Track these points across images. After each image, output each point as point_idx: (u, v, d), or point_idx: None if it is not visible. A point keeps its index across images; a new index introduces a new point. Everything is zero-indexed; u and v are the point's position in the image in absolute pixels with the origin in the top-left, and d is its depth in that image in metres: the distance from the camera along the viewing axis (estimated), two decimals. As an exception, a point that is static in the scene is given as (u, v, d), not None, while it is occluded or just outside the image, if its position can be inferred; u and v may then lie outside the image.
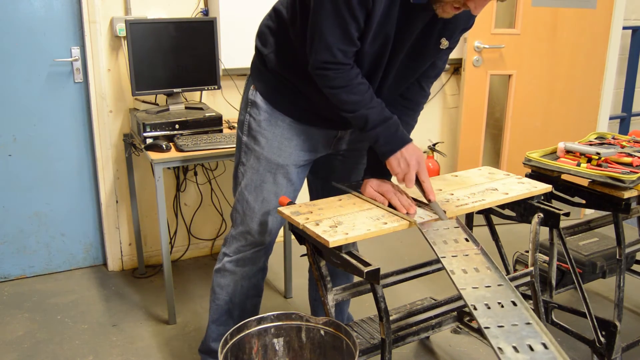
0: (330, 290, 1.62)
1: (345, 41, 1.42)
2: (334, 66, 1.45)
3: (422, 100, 1.70)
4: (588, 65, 3.48)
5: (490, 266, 1.30)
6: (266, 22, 1.67)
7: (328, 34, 1.41)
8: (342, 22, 1.39)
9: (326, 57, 1.44)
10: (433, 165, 3.50)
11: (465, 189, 1.73)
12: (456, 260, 1.32)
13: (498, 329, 1.12)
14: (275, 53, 1.63)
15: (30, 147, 2.75)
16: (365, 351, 1.77)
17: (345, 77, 1.47)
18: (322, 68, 1.46)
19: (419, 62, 1.58)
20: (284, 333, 1.47)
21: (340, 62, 1.45)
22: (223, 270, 1.85)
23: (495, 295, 1.22)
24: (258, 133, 1.71)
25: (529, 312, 1.17)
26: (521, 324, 1.14)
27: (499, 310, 1.18)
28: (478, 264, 1.31)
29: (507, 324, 1.14)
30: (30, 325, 2.47)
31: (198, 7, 2.82)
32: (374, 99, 1.52)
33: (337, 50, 1.43)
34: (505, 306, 1.19)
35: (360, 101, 1.49)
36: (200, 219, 3.12)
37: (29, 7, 2.59)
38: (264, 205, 1.74)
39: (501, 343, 1.08)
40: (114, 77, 2.75)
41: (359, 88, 1.49)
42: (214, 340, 1.92)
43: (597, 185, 1.89)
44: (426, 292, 2.66)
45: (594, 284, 2.62)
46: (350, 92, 1.48)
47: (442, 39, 1.53)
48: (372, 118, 1.50)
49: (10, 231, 2.82)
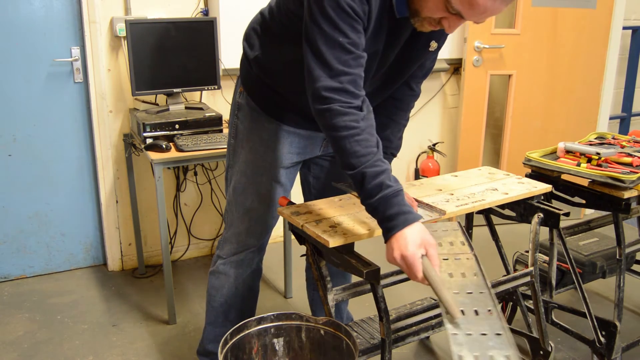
0: (330, 290, 1.62)
1: (350, 64, 1.27)
2: (341, 96, 1.26)
3: (412, 99, 1.71)
4: (588, 65, 3.48)
5: (478, 272, 1.27)
6: (253, 25, 1.66)
7: (330, 58, 1.26)
8: (342, 43, 1.26)
9: (331, 83, 1.26)
10: (433, 165, 3.50)
11: (465, 189, 1.73)
12: (446, 264, 1.30)
13: (465, 337, 1.09)
14: (261, 56, 1.62)
15: (30, 147, 2.75)
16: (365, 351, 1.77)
17: (353, 117, 1.26)
18: (326, 100, 1.27)
19: (407, 66, 1.56)
20: (284, 333, 1.47)
21: (347, 91, 1.27)
22: (217, 272, 1.85)
23: (474, 302, 1.18)
24: (245, 136, 1.72)
25: (502, 322, 1.13)
26: (491, 334, 1.10)
27: (473, 318, 1.14)
28: (467, 269, 1.28)
29: (476, 333, 1.11)
30: (30, 325, 2.47)
31: (198, 7, 2.82)
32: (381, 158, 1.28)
33: (343, 74, 1.26)
34: (480, 314, 1.15)
35: (365, 155, 1.25)
36: (200, 219, 3.12)
37: (29, 7, 2.59)
38: (253, 207, 1.74)
39: (464, 351, 1.06)
40: (114, 77, 2.75)
41: (366, 138, 1.26)
42: (211, 342, 1.92)
43: (597, 185, 1.89)
44: (426, 292, 2.66)
45: (594, 284, 2.62)
46: (355, 141, 1.25)
47: (431, 41, 1.51)
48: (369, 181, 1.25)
49: (10, 231, 2.82)
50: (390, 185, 1.23)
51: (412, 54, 1.52)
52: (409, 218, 1.22)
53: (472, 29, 3.24)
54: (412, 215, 1.23)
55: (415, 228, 1.21)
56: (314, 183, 1.90)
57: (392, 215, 1.22)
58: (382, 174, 1.24)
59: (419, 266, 1.19)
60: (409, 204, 1.26)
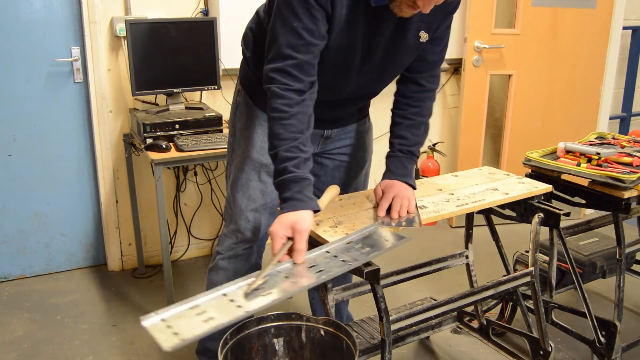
0: (330, 290, 1.62)
1: (299, 49, 1.36)
2: (282, 77, 1.36)
3: (424, 95, 1.66)
4: (588, 65, 3.48)
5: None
6: (250, 25, 1.69)
7: (282, 41, 1.36)
8: (297, 28, 1.34)
9: (275, 65, 1.37)
10: (433, 165, 3.50)
11: (465, 189, 1.73)
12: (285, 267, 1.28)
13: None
14: (256, 55, 1.64)
15: (30, 147, 2.75)
16: (365, 351, 1.77)
17: (287, 100, 1.35)
18: (270, 80, 1.38)
19: (400, 57, 1.56)
20: (284, 333, 1.47)
21: (289, 73, 1.36)
22: (216, 268, 1.87)
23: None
24: (242, 133, 1.74)
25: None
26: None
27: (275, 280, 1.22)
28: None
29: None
30: (30, 325, 2.47)
31: (198, 7, 2.82)
32: (304, 145, 1.37)
33: (289, 58, 1.35)
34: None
35: (285, 139, 1.35)
36: (200, 219, 3.12)
37: (29, 7, 2.59)
38: (251, 203, 1.75)
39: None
40: (114, 77, 2.75)
41: (293, 124, 1.36)
42: (210, 340, 1.93)
43: (597, 185, 1.89)
44: (426, 292, 2.66)
45: (594, 284, 2.62)
46: (281, 125, 1.35)
47: (420, 31, 1.50)
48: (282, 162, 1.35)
49: (10, 231, 2.82)
50: (293, 171, 1.34)
51: (401, 45, 1.51)
52: (297, 205, 1.32)
53: (473, 29, 3.24)
54: (302, 204, 1.32)
55: (297, 214, 1.30)
56: (315, 182, 1.90)
57: (285, 198, 1.35)
58: (290, 160, 1.34)
59: (276, 244, 1.29)
60: (306, 192, 1.35)
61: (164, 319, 1.10)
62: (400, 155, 1.63)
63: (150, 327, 1.08)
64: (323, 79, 1.56)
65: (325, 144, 1.81)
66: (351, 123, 1.82)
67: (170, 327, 1.07)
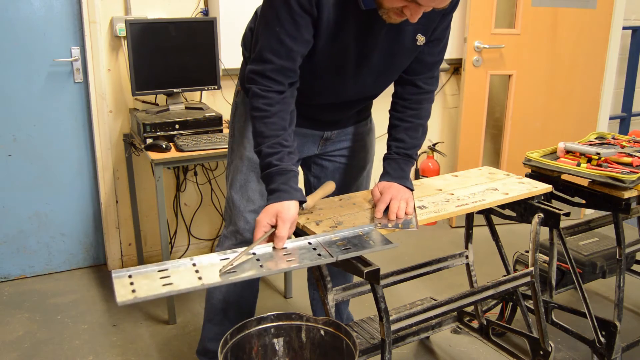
0: (330, 290, 1.62)
1: (280, 54, 1.38)
2: (263, 80, 1.40)
3: (421, 97, 1.66)
4: (588, 65, 3.48)
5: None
6: (250, 25, 1.69)
7: (264, 44, 1.39)
8: (279, 33, 1.37)
9: (256, 67, 1.41)
10: (433, 165, 3.50)
11: (465, 189, 1.73)
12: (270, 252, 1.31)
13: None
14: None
15: (30, 147, 2.75)
16: (365, 351, 1.77)
17: (268, 100, 1.40)
18: (250, 80, 1.42)
19: (395, 61, 1.56)
20: (284, 333, 1.47)
21: (269, 77, 1.40)
22: None
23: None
24: (241, 133, 1.74)
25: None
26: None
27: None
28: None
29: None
30: (30, 325, 2.47)
31: (198, 7, 2.82)
32: (286, 142, 1.41)
33: (269, 63, 1.39)
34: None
35: (268, 137, 1.40)
36: (200, 219, 3.12)
37: (29, 7, 2.59)
38: (249, 204, 1.75)
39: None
40: (114, 77, 2.75)
41: (275, 122, 1.41)
42: (210, 340, 1.92)
43: (597, 185, 1.89)
44: (426, 292, 2.66)
45: (594, 284, 2.62)
46: (264, 123, 1.40)
47: (417, 35, 1.50)
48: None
49: (10, 231, 2.82)
50: (277, 164, 1.39)
51: (397, 49, 1.51)
52: (282, 195, 1.36)
53: (473, 29, 3.24)
54: (287, 194, 1.37)
55: (283, 204, 1.35)
56: (315, 183, 1.90)
57: (270, 190, 1.39)
58: (274, 155, 1.39)
59: (258, 231, 1.33)
60: (291, 183, 1.39)
61: (131, 276, 1.16)
62: (397, 157, 1.63)
63: (115, 279, 1.14)
64: (319, 84, 1.56)
65: (325, 146, 1.80)
66: (351, 125, 1.82)
67: (132, 285, 1.13)
